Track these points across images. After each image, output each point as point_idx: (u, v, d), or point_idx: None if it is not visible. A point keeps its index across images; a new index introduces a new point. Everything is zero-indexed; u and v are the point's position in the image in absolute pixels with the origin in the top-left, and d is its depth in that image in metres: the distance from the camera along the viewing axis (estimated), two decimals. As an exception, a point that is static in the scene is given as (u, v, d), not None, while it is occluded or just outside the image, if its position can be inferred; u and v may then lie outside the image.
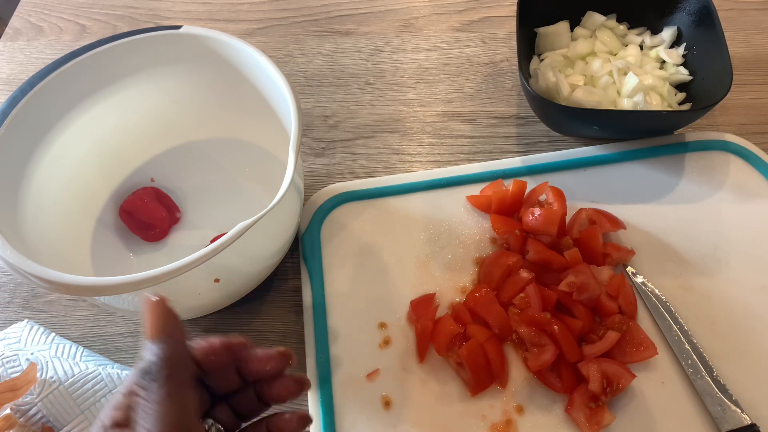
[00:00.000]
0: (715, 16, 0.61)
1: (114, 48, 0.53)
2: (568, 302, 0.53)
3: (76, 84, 0.53)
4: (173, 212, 0.61)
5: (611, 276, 0.54)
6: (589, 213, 0.58)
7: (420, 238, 0.59)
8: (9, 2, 0.90)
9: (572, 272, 0.53)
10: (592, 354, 0.51)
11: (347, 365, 0.53)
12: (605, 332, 0.52)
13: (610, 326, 0.52)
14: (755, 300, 0.55)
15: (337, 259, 0.58)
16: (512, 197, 0.58)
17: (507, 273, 0.55)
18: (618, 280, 0.54)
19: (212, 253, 0.40)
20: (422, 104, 0.71)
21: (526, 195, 0.60)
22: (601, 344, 0.51)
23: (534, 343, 0.51)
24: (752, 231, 0.59)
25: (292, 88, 0.49)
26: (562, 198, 0.57)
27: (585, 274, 0.53)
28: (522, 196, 0.59)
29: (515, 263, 0.55)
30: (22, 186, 0.50)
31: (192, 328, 0.57)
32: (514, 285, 0.54)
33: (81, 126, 0.55)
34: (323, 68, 0.75)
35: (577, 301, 0.53)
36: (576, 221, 0.58)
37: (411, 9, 0.81)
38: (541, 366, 0.50)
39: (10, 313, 0.59)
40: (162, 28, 0.54)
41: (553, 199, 0.57)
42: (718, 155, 0.63)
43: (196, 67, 0.57)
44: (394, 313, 0.55)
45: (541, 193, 0.59)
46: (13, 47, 0.80)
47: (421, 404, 0.51)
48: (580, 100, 0.61)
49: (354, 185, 0.63)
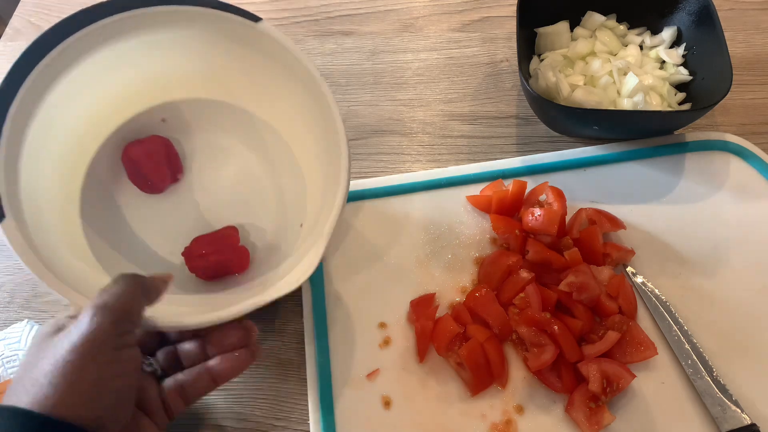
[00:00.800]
0: (715, 16, 0.61)
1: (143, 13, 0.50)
2: (568, 302, 0.53)
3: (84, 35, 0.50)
4: (176, 173, 0.59)
5: (611, 276, 0.54)
6: (589, 213, 0.58)
7: (420, 238, 0.59)
8: (9, 2, 0.90)
9: (572, 272, 0.53)
10: (592, 354, 0.51)
11: (347, 365, 0.53)
12: (605, 332, 0.52)
13: (610, 326, 0.52)
14: (755, 300, 0.55)
15: (337, 258, 0.58)
16: (512, 197, 0.58)
17: (507, 273, 0.55)
18: (618, 280, 0.54)
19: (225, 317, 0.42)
20: (422, 104, 0.71)
21: (526, 195, 0.60)
22: (601, 344, 0.51)
23: (534, 343, 0.51)
24: (752, 231, 0.59)
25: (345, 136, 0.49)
26: (562, 198, 0.57)
27: (585, 274, 0.53)
28: (522, 196, 0.59)
29: (515, 263, 0.55)
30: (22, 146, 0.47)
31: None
32: (514, 285, 0.54)
33: (83, 71, 0.52)
34: (323, 68, 0.75)
35: (577, 301, 0.53)
36: (576, 221, 0.58)
37: (411, 9, 0.81)
38: (541, 366, 0.50)
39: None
40: (239, 10, 0.51)
41: (553, 199, 0.57)
42: (718, 155, 0.63)
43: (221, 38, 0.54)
44: (394, 313, 0.55)
45: (541, 193, 0.59)
46: (13, 47, 0.80)
47: (421, 404, 0.51)
48: (580, 100, 0.61)
49: (355, 185, 0.63)
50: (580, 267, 0.54)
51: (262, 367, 0.55)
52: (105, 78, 0.54)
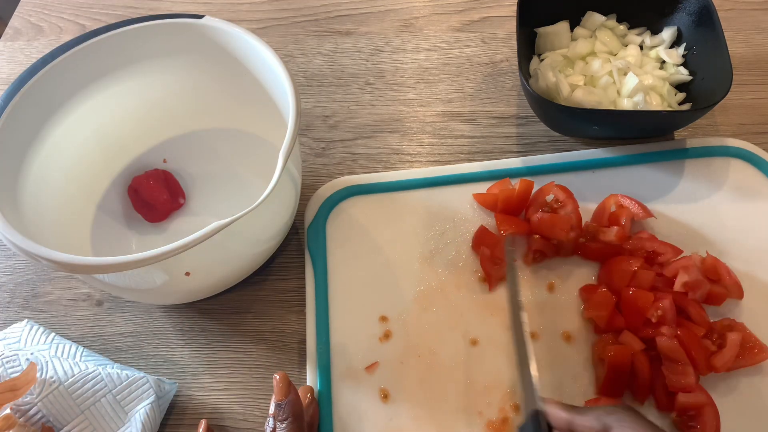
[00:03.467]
0: (715, 16, 0.61)
1: (114, 36, 0.54)
2: (683, 303, 0.51)
3: (76, 72, 0.54)
4: (177, 197, 0.62)
5: (700, 260, 0.53)
6: (617, 200, 0.58)
7: (424, 234, 0.60)
8: (9, 2, 0.90)
9: (682, 269, 0.51)
10: (720, 367, 0.48)
11: (347, 356, 0.54)
12: (718, 336, 0.50)
13: (720, 329, 0.50)
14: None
15: (341, 251, 0.59)
16: (518, 196, 0.58)
17: (631, 279, 0.53)
18: (711, 261, 0.53)
19: (191, 243, 0.42)
20: (422, 104, 0.71)
21: (532, 195, 0.60)
22: (728, 351, 0.48)
23: (672, 359, 0.48)
24: (755, 232, 0.58)
25: (291, 77, 0.50)
26: (571, 195, 0.57)
27: (692, 269, 0.50)
28: (528, 196, 0.59)
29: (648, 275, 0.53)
30: (22, 172, 0.51)
31: (191, 328, 0.57)
32: (646, 296, 0.51)
33: (82, 114, 0.56)
34: (323, 68, 0.75)
35: (692, 300, 0.50)
36: (606, 208, 0.57)
37: (411, 9, 0.81)
38: (683, 389, 0.48)
39: (10, 313, 0.59)
40: (165, 16, 0.54)
41: (564, 197, 0.57)
42: (720, 158, 0.63)
43: (197, 57, 0.57)
44: (395, 307, 0.56)
45: (548, 192, 0.59)
46: (13, 47, 0.81)
47: (419, 398, 0.51)
48: (580, 100, 0.61)
49: (361, 179, 0.63)
50: (686, 262, 0.52)
51: (262, 367, 0.55)
52: (102, 126, 0.59)
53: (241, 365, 0.55)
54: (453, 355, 0.53)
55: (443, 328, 0.55)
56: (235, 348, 0.56)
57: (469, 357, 0.53)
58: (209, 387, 0.54)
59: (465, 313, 0.55)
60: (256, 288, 0.59)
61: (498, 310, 0.55)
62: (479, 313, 0.55)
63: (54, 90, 0.53)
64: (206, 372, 0.55)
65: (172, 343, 0.57)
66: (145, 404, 0.49)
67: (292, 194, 0.54)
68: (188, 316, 0.58)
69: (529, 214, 0.58)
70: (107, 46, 0.54)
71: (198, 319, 0.58)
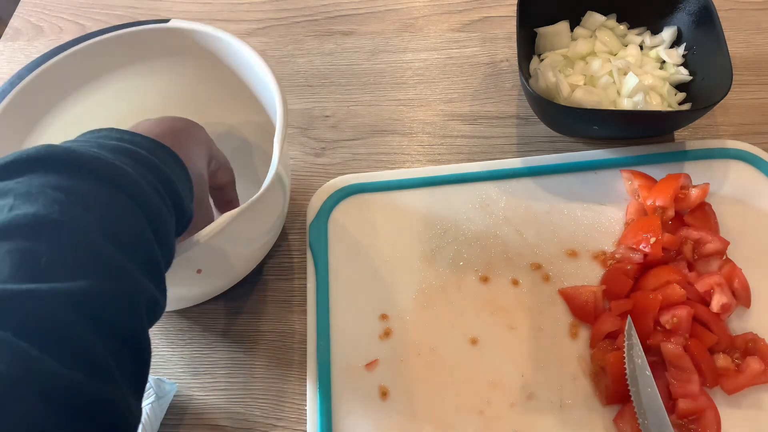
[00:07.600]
0: (715, 16, 0.61)
1: (101, 42, 0.54)
2: (705, 317, 0.51)
3: (65, 77, 0.53)
4: None
5: (719, 265, 0.53)
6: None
7: (425, 233, 0.60)
8: (9, 2, 0.90)
9: (717, 288, 0.50)
10: (731, 389, 0.48)
11: (347, 353, 0.54)
12: (739, 354, 0.49)
13: (740, 345, 0.50)
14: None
15: (342, 249, 0.59)
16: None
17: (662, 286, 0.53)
18: (731, 266, 0.53)
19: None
20: (422, 104, 0.71)
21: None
22: (743, 379, 0.48)
23: (677, 366, 0.48)
24: (756, 233, 0.58)
25: (277, 79, 0.50)
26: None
27: (725, 288, 0.50)
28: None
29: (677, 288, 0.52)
30: None
31: (191, 327, 0.57)
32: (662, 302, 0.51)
33: (70, 119, 0.55)
34: (323, 68, 0.75)
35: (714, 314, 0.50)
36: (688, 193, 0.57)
37: (411, 9, 0.81)
38: (686, 396, 0.48)
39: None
40: (149, 21, 0.54)
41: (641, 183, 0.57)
42: (720, 161, 0.63)
43: (184, 60, 0.57)
44: (395, 306, 0.56)
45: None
46: (13, 47, 0.81)
47: (418, 396, 0.52)
48: (580, 100, 0.61)
49: (363, 177, 0.63)
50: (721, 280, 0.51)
51: (262, 367, 0.55)
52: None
53: (241, 365, 0.55)
54: (453, 354, 0.53)
55: (443, 326, 0.55)
56: (235, 348, 0.56)
57: (469, 356, 0.53)
58: (209, 387, 0.54)
59: (465, 311, 0.55)
60: (257, 288, 0.59)
61: (498, 309, 0.55)
62: (480, 312, 0.55)
63: (41, 96, 0.52)
64: (206, 372, 0.55)
65: (172, 343, 0.57)
66: (144, 404, 0.49)
67: (283, 192, 0.54)
68: (188, 316, 0.58)
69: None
70: (93, 52, 0.54)
71: (198, 319, 0.58)
